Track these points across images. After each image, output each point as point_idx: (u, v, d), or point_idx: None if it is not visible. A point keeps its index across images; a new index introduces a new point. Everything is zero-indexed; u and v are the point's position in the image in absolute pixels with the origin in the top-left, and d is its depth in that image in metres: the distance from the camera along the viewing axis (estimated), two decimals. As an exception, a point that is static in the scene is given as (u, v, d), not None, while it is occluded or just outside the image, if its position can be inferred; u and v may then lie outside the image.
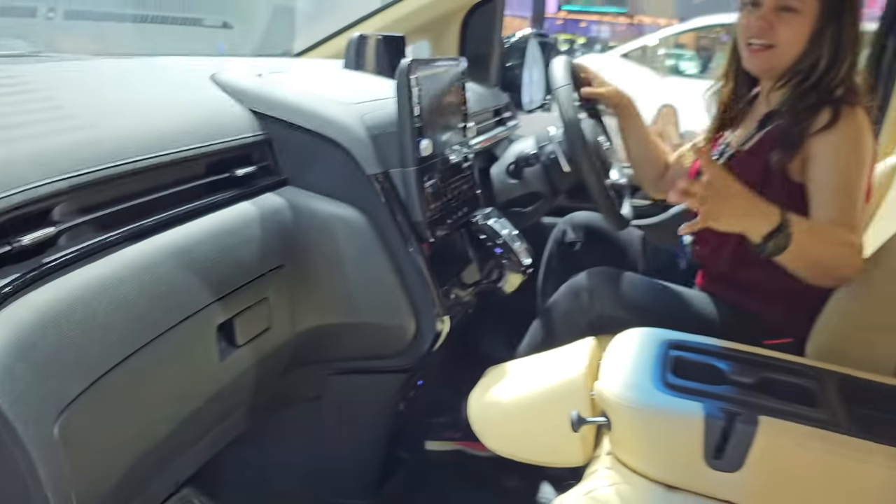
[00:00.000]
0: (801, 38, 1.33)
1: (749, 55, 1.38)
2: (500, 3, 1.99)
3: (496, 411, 1.23)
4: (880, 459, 0.95)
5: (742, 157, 1.42)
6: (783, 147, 1.32)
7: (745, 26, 1.37)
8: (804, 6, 1.31)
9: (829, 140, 1.28)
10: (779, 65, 1.36)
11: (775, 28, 1.32)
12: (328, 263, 1.11)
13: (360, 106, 1.18)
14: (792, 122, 1.32)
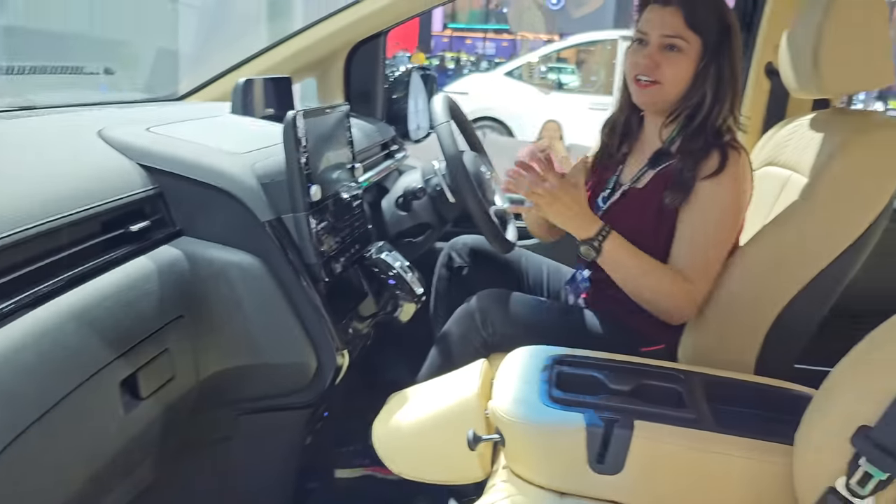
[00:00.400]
0: (685, 76, 1.43)
1: (637, 90, 1.48)
2: (382, 40, 2.06)
3: (399, 436, 1.29)
4: (738, 451, 1.08)
5: (635, 194, 1.52)
6: (676, 189, 1.43)
7: (633, 63, 1.46)
8: (688, 46, 1.41)
9: (713, 187, 1.39)
10: (665, 100, 1.47)
11: (661, 66, 1.42)
12: (227, 309, 1.15)
13: (250, 155, 1.23)
14: (684, 165, 1.43)
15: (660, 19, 1.41)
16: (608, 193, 1.58)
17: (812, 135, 1.52)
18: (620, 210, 1.53)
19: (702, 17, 1.40)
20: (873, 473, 0.88)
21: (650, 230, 1.46)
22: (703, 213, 1.41)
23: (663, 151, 1.50)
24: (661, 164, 1.50)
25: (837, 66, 1.38)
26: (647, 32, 1.43)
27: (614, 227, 1.52)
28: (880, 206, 1.36)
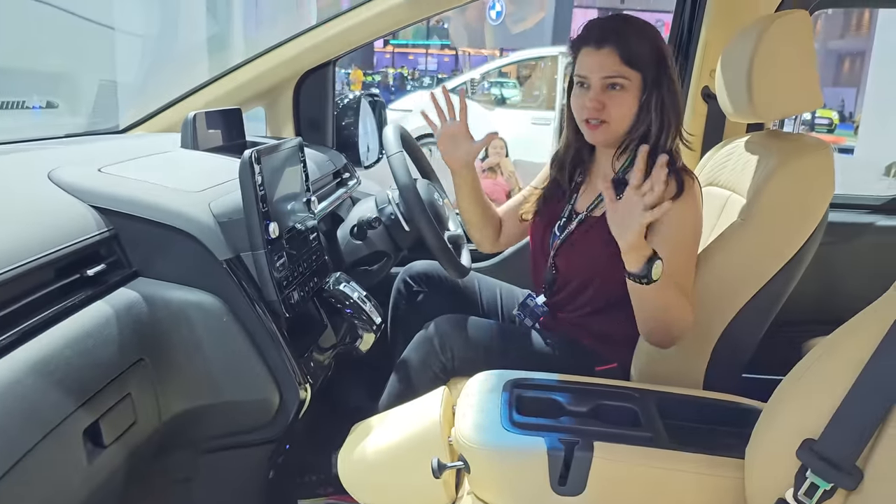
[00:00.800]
0: (630, 111, 1.47)
1: (587, 131, 1.51)
2: (331, 69, 2.08)
3: (363, 467, 1.30)
4: (693, 467, 1.13)
5: (593, 222, 1.55)
6: None
7: (580, 106, 1.49)
8: (628, 83, 1.45)
9: (676, 211, 1.41)
10: (614, 136, 1.51)
11: (607, 106, 1.46)
12: (187, 349, 1.15)
13: (205, 193, 1.23)
14: None
15: (597, 61, 1.45)
16: (564, 222, 1.61)
17: (748, 157, 1.59)
18: (579, 238, 1.56)
19: (637, 53, 1.44)
20: (819, 484, 0.93)
21: (608, 256, 1.50)
22: (675, 236, 1.42)
23: (618, 180, 1.55)
24: (617, 192, 1.54)
25: (769, 93, 1.46)
26: (587, 76, 1.46)
27: (573, 255, 1.56)
28: (813, 224, 1.43)
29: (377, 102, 2.34)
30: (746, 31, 1.49)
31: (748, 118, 1.55)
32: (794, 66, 1.46)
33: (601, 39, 1.44)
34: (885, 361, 0.92)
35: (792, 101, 1.49)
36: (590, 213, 1.57)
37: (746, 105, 1.49)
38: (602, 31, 1.45)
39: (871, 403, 0.91)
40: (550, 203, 1.67)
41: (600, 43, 1.44)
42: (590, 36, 1.46)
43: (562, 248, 1.59)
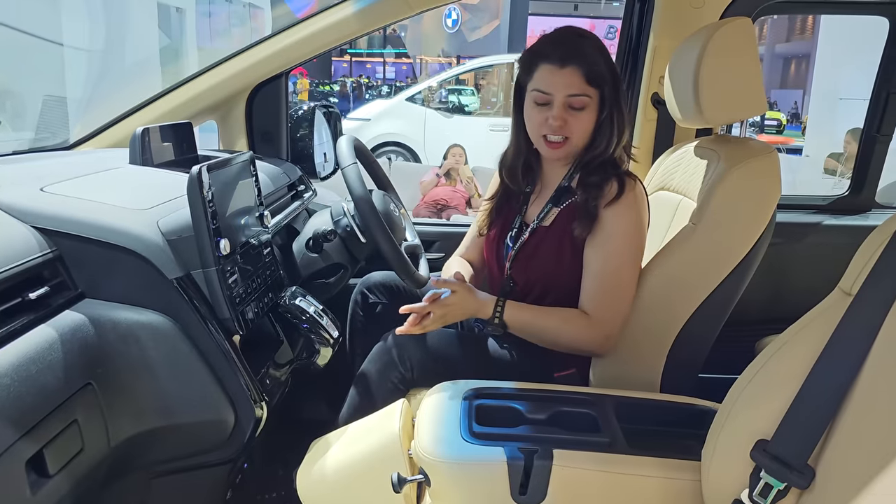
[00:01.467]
0: (589, 129, 1.49)
1: (547, 148, 1.52)
2: (284, 80, 2.06)
3: (323, 484, 1.29)
4: (652, 471, 1.14)
5: (543, 232, 1.57)
6: (583, 220, 1.49)
7: (540, 123, 1.50)
8: (590, 101, 1.47)
9: (617, 213, 1.46)
10: (573, 153, 1.53)
11: (568, 124, 1.47)
12: (136, 372, 1.12)
13: (153, 211, 1.20)
14: (587, 196, 1.49)
15: (562, 80, 1.45)
16: (515, 233, 1.63)
17: (698, 161, 1.62)
18: (531, 249, 1.57)
19: (598, 72, 1.46)
20: (773, 484, 0.95)
21: (563, 264, 1.52)
22: (608, 242, 1.46)
23: (564, 188, 1.56)
24: (564, 200, 1.56)
25: (715, 99, 1.48)
26: (550, 93, 1.47)
27: (528, 266, 1.57)
28: (762, 225, 1.46)
29: (332, 113, 2.33)
30: (692, 39, 1.52)
31: (696, 124, 1.58)
32: (738, 73, 1.49)
33: (565, 58, 1.45)
34: (832, 361, 0.93)
35: (738, 106, 1.52)
36: (540, 222, 1.58)
37: (694, 111, 1.52)
38: (565, 49, 1.46)
39: (821, 403, 0.93)
40: (502, 213, 1.68)
41: (564, 62, 1.45)
42: (553, 53, 1.46)
43: (516, 260, 1.60)
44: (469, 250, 1.83)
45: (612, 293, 1.47)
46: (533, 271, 1.56)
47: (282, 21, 9.96)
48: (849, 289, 0.97)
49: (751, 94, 1.50)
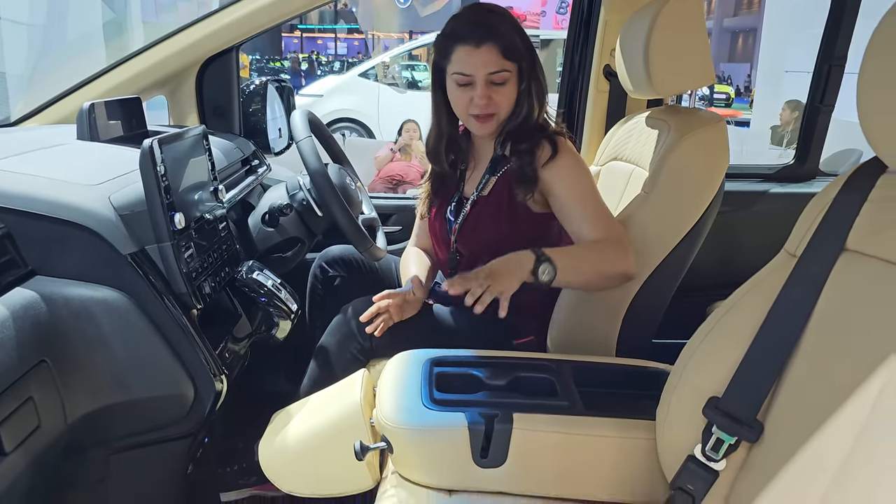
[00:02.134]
0: (512, 101, 1.53)
1: (475, 124, 1.55)
2: (235, 54, 2.02)
3: (286, 455, 1.29)
4: (609, 431, 1.17)
5: (484, 201, 1.59)
6: (522, 185, 1.52)
7: (466, 104, 1.52)
8: (510, 75, 1.50)
9: (558, 167, 1.49)
10: (499, 125, 1.55)
11: (493, 100, 1.50)
12: (92, 348, 1.10)
13: (104, 186, 1.18)
14: (522, 162, 1.52)
15: (480, 59, 1.47)
16: (455, 207, 1.65)
17: (649, 131, 1.65)
18: (474, 219, 1.60)
19: (514, 46, 1.49)
20: (724, 439, 0.98)
21: (506, 230, 1.54)
22: (570, 192, 1.49)
23: (499, 157, 1.59)
24: (500, 168, 1.58)
25: (664, 71, 1.51)
26: (471, 74, 1.49)
27: (473, 237, 1.59)
28: (712, 192, 1.50)
29: (284, 88, 2.30)
30: (641, 12, 1.54)
31: (647, 95, 1.61)
32: (686, 45, 1.51)
33: (481, 38, 1.47)
34: (778, 320, 0.97)
35: (686, 77, 1.55)
36: (480, 193, 1.61)
37: (644, 82, 1.54)
38: (480, 29, 1.47)
39: (768, 360, 0.97)
40: (440, 194, 1.70)
41: (480, 41, 1.47)
42: (468, 34, 1.48)
43: (461, 233, 1.62)
44: (420, 238, 1.84)
45: (605, 214, 1.48)
46: (477, 241, 1.59)
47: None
48: (794, 250, 1.00)
49: (698, 65, 1.53)
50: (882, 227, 0.88)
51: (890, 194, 0.88)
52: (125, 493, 1.25)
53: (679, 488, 1.04)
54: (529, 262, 1.34)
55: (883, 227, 0.88)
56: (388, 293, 1.52)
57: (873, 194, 0.91)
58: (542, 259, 1.35)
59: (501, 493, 1.17)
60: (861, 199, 0.92)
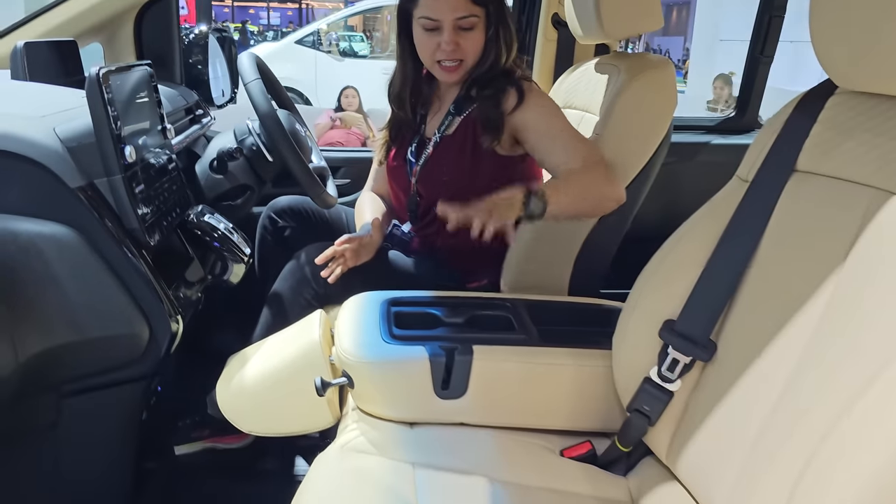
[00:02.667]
0: (480, 47, 1.52)
1: (441, 72, 1.54)
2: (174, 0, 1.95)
3: (244, 396, 1.28)
4: (563, 360, 1.20)
5: (448, 140, 1.58)
6: (489, 130, 1.51)
7: (433, 50, 1.51)
8: (478, 20, 1.49)
9: (529, 111, 1.49)
10: (466, 72, 1.55)
11: (461, 46, 1.49)
12: (41, 285, 1.06)
13: (49, 119, 1.13)
14: (488, 107, 1.52)
15: (448, 4, 1.46)
16: (416, 148, 1.64)
17: (598, 77, 1.67)
18: (437, 158, 1.59)
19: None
20: (679, 359, 1.02)
21: (469, 172, 1.54)
22: (546, 131, 1.48)
23: (464, 97, 1.58)
24: (465, 108, 1.58)
25: (615, 13, 1.53)
26: (438, 19, 1.47)
27: (434, 177, 1.59)
28: (661, 134, 1.54)
29: (226, 38, 2.23)
30: (593, -46, 1.55)
31: (598, 39, 1.63)
32: (638, -14, 1.54)
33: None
34: (731, 243, 1.01)
35: (636, 20, 1.57)
36: (444, 133, 1.60)
37: (595, 26, 1.56)
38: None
39: (722, 281, 1.00)
40: (398, 139, 1.69)
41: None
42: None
43: (422, 174, 1.61)
44: (377, 182, 1.82)
45: (582, 144, 1.46)
46: (439, 181, 1.59)
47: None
48: (745, 176, 1.04)
49: (648, 6, 1.55)
50: (831, 147, 0.91)
51: (840, 113, 0.92)
52: (78, 439, 1.22)
53: (636, 410, 1.08)
54: (519, 197, 1.29)
55: (831, 146, 0.91)
56: (348, 237, 1.50)
57: (823, 115, 0.94)
58: (531, 193, 1.30)
59: (463, 424, 1.19)
60: (811, 121, 0.96)
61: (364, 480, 1.03)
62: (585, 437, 1.18)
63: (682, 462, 1.02)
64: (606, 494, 1.09)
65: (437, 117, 1.64)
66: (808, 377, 0.83)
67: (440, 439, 1.15)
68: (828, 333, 0.83)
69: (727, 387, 0.96)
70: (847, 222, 0.85)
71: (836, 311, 0.83)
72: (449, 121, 1.60)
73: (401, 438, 1.14)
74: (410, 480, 1.04)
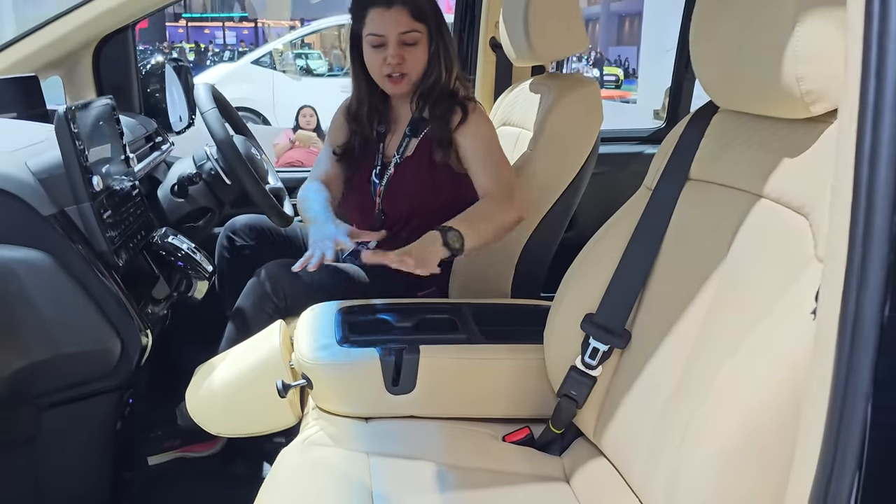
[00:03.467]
0: (423, 62, 1.65)
1: (389, 84, 1.66)
2: (131, 33, 2.05)
3: (213, 400, 1.38)
4: (501, 355, 1.33)
5: (407, 162, 1.71)
6: (440, 147, 1.65)
7: (380, 65, 1.63)
8: (420, 36, 1.62)
9: (468, 130, 1.63)
10: (413, 85, 1.67)
11: (405, 60, 1.62)
12: (18, 307, 1.16)
13: (20, 153, 1.23)
14: (439, 126, 1.65)
15: (391, 20, 1.59)
16: (379, 170, 1.76)
17: (533, 96, 1.81)
18: (399, 180, 1.71)
19: (423, 8, 1.62)
20: (599, 347, 1.16)
21: (430, 189, 1.67)
22: (478, 150, 1.63)
23: (418, 119, 1.71)
24: (421, 130, 1.71)
25: (544, 38, 1.67)
26: (383, 34, 1.61)
27: (397, 196, 1.71)
28: (589, 145, 1.68)
29: (182, 67, 2.34)
30: (520, -16, 1.69)
31: (530, 62, 1.77)
32: (561, 14, 1.68)
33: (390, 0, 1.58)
34: (638, 244, 1.15)
35: (563, 43, 1.72)
36: (403, 155, 1.72)
37: (526, 50, 1.70)
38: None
39: (632, 278, 1.14)
40: (362, 157, 1.79)
41: (390, 3, 1.59)
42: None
43: (386, 193, 1.73)
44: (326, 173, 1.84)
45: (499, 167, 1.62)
46: (402, 200, 1.71)
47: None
48: (650, 184, 1.18)
49: (573, 30, 1.70)
50: (715, 157, 1.06)
51: (722, 129, 1.07)
52: (56, 450, 1.31)
53: (565, 395, 1.21)
54: (438, 237, 1.40)
55: (716, 156, 1.06)
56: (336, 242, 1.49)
57: (709, 130, 1.09)
58: (446, 230, 1.42)
59: (413, 417, 1.31)
60: (701, 135, 1.10)
61: (323, 470, 1.15)
62: (524, 424, 1.31)
63: (606, 439, 1.15)
64: (543, 472, 1.22)
65: (395, 139, 1.76)
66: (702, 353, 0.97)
67: (392, 431, 1.27)
68: (716, 317, 0.97)
69: (640, 369, 1.10)
70: (728, 222, 0.99)
71: (723, 297, 0.97)
72: (406, 142, 1.72)
73: (357, 432, 1.26)
74: (365, 467, 1.16)
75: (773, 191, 0.92)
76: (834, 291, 0.62)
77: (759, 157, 0.97)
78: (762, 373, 0.81)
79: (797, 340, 0.78)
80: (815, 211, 0.83)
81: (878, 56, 0.57)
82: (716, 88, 1.03)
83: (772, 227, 0.91)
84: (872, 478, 0.60)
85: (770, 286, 0.85)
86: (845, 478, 0.60)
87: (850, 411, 0.60)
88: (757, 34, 0.89)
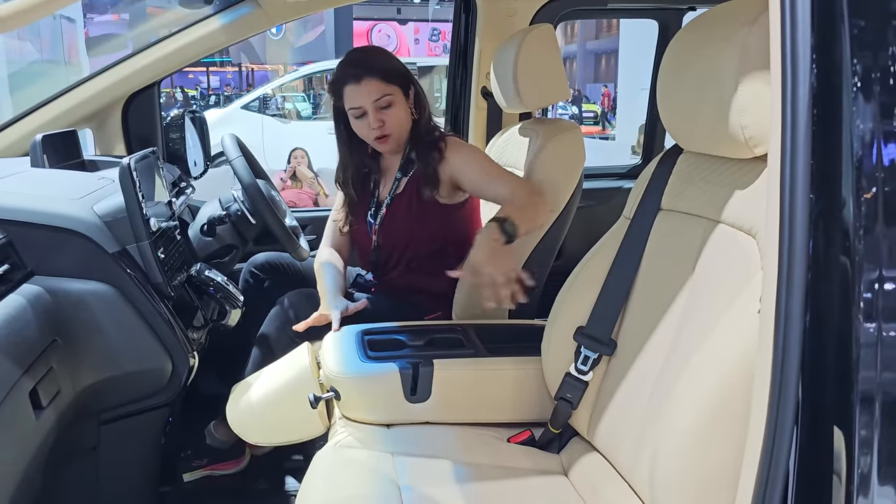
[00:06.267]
0: (403, 117, 1.84)
1: (379, 145, 1.86)
2: (157, 89, 2.26)
3: (250, 413, 1.56)
4: (506, 366, 1.52)
5: (399, 199, 1.90)
6: (427, 184, 1.84)
7: (365, 130, 1.82)
8: (394, 97, 1.80)
9: (453, 159, 1.81)
10: (401, 140, 1.87)
11: (386, 122, 1.81)
12: (89, 331, 1.34)
13: (86, 199, 1.42)
14: (424, 164, 1.84)
15: (364, 91, 1.77)
16: (374, 210, 1.95)
17: (522, 139, 2.03)
18: (392, 216, 1.91)
19: (390, 72, 1.81)
20: (589, 355, 1.35)
21: (418, 221, 1.87)
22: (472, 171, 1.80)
23: (407, 161, 1.91)
24: (410, 169, 1.91)
25: (530, 89, 1.89)
26: (361, 105, 1.78)
27: (391, 230, 1.91)
28: (574, 183, 1.89)
29: (197, 118, 2.54)
30: (509, 41, 1.92)
31: (517, 109, 1.99)
32: (546, 66, 1.90)
33: (359, 74, 1.78)
34: (620, 266, 1.35)
35: (548, 93, 1.94)
36: (394, 195, 1.91)
37: (515, 98, 1.92)
38: (357, 68, 1.80)
39: (615, 295, 1.34)
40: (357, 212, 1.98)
41: (359, 77, 1.78)
42: (350, 75, 1.79)
43: (381, 230, 1.93)
44: (335, 239, 2.07)
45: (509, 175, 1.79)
46: (394, 233, 1.90)
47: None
48: (628, 214, 1.39)
49: (556, 82, 1.92)
50: (681, 191, 1.27)
51: (686, 167, 1.28)
52: (114, 459, 1.48)
53: (561, 398, 1.40)
54: (495, 227, 1.52)
55: (681, 190, 1.27)
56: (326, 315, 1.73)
57: (676, 168, 1.30)
58: (501, 220, 1.54)
59: (428, 423, 1.49)
60: (669, 172, 1.32)
61: (356, 467, 1.33)
62: (526, 427, 1.49)
63: (598, 435, 1.34)
64: (544, 468, 1.40)
65: (387, 183, 1.95)
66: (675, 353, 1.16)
67: (412, 435, 1.45)
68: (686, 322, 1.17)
69: (625, 373, 1.29)
70: (693, 245, 1.19)
71: (691, 304, 1.17)
72: (397, 183, 1.91)
73: (381, 436, 1.44)
74: (391, 465, 1.34)
75: (728, 217, 1.12)
76: (770, 295, 0.81)
77: (715, 190, 1.18)
78: (721, 361, 1.01)
79: (746, 333, 0.97)
80: (761, 232, 1.04)
81: (792, 110, 0.76)
82: (679, 134, 1.25)
83: (728, 247, 1.11)
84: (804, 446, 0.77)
85: (727, 292, 1.05)
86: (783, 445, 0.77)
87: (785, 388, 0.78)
88: (709, 91, 1.10)
